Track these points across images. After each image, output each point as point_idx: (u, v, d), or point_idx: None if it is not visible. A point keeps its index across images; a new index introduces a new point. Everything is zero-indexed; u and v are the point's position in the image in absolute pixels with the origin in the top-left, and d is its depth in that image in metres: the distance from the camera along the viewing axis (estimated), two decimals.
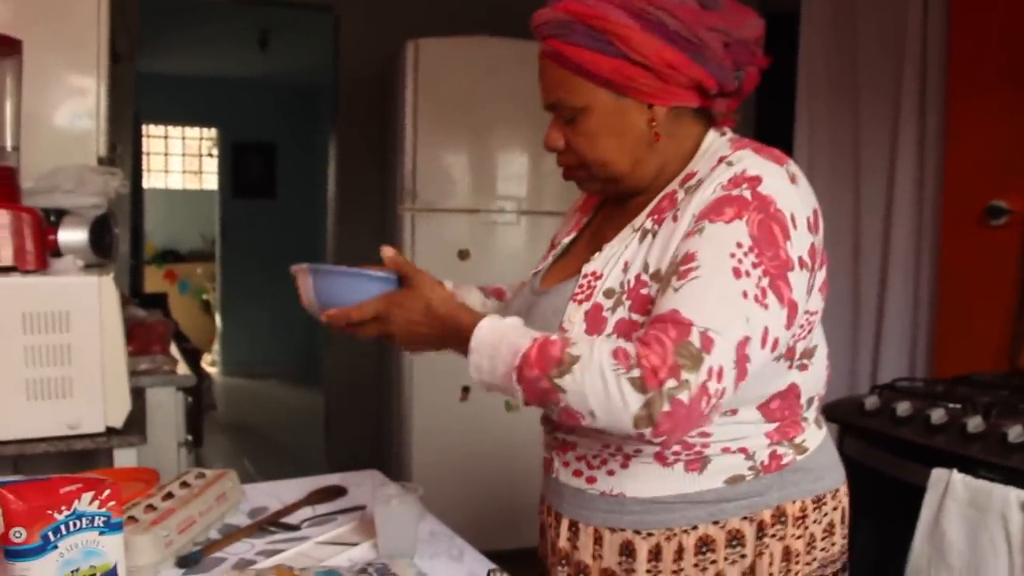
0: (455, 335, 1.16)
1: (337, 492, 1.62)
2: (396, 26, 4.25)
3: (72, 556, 1.01)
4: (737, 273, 1.04)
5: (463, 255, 3.78)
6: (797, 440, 1.22)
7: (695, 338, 1.00)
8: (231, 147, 7.98)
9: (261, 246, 7.93)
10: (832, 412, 2.43)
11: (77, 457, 1.84)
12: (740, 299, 1.03)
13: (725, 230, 1.07)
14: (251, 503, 1.55)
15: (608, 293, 1.17)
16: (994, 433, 1.96)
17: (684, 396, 0.98)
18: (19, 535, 0.97)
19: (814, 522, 1.22)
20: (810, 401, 1.25)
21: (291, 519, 1.48)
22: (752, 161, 1.13)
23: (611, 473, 1.21)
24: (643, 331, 1.06)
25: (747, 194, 1.09)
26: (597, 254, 1.22)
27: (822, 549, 1.24)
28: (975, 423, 2.02)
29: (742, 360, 1.03)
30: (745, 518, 1.18)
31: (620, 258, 1.18)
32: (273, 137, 7.98)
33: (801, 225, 1.10)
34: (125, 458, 1.88)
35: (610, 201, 1.35)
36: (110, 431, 1.84)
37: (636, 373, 0.99)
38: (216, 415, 6.48)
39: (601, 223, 1.34)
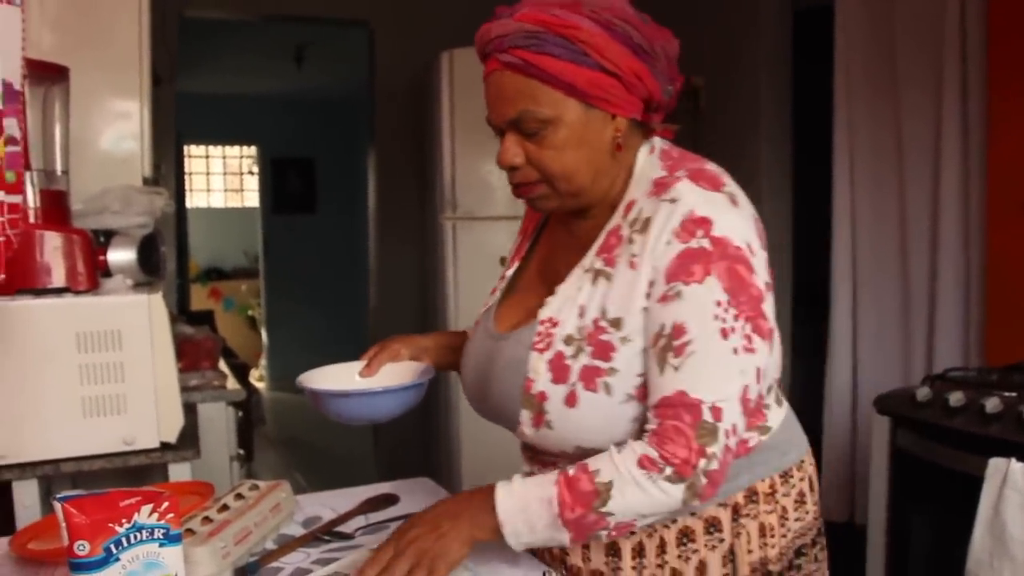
0: (480, 510, 1.15)
1: (389, 500, 1.62)
2: (430, 38, 4.28)
3: (134, 568, 1.02)
4: (724, 334, 1.09)
5: (504, 262, 3.79)
6: (760, 423, 1.27)
7: (707, 415, 1.09)
8: (271, 164, 8.07)
9: (304, 261, 8.01)
10: (884, 404, 2.41)
11: (133, 472, 1.88)
12: (732, 359, 1.10)
13: (702, 291, 1.10)
14: (305, 513, 1.56)
15: (568, 340, 1.18)
16: None
17: (715, 464, 1.09)
18: (83, 548, 0.99)
19: (784, 495, 1.28)
20: (769, 388, 1.28)
21: (345, 528, 1.49)
22: (694, 197, 1.14)
23: None
24: (656, 420, 1.11)
25: (705, 244, 1.10)
26: (551, 298, 1.23)
27: (796, 520, 1.29)
28: None
29: (745, 405, 1.12)
30: (720, 504, 1.23)
31: (575, 302, 1.20)
32: (312, 152, 8.05)
33: (756, 248, 1.15)
34: (179, 473, 1.91)
35: (552, 224, 1.38)
36: (164, 446, 1.87)
37: (669, 471, 1.08)
38: (265, 429, 6.54)
39: (547, 253, 1.37)
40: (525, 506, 1.12)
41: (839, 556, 2.81)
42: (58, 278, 1.78)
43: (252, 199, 8.79)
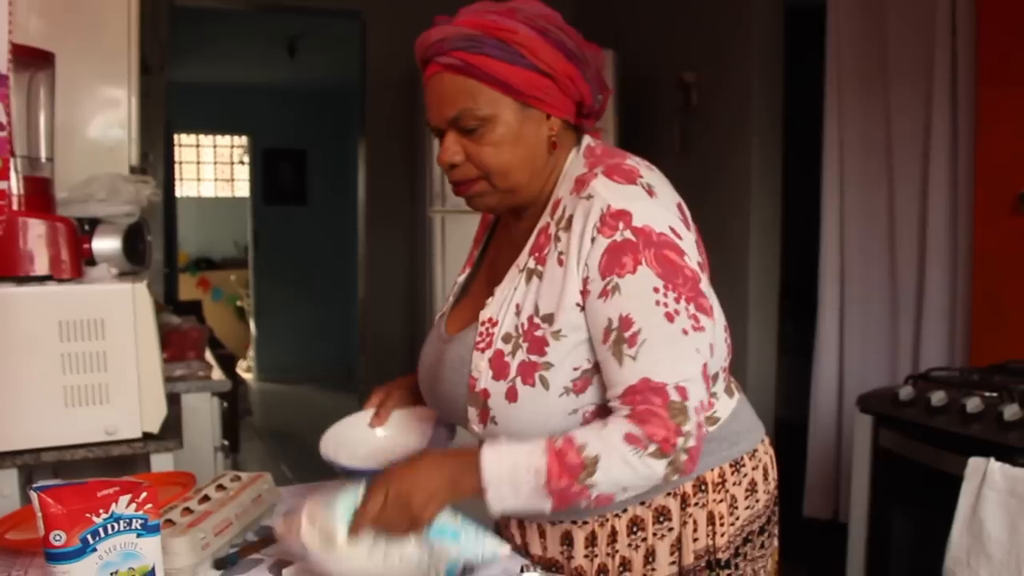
0: (465, 471, 1.16)
1: None
2: (422, 29, 4.27)
3: (111, 558, 1.02)
4: (670, 317, 1.14)
5: None
6: (707, 414, 1.29)
7: (674, 395, 1.13)
8: (262, 154, 8.04)
9: (293, 252, 7.99)
10: (867, 403, 2.42)
11: (115, 462, 1.87)
12: (684, 339, 1.14)
13: (637, 281, 1.14)
14: (286, 505, 1.55)
15: (506, 338, 1.23)
16: None
17: (692, 441, 1.14)
18: (59, 538, 0.99)
19: (734, 484, 1.32)
20: (715, 377, 1.30)
21: None
22: (609, 192, 1.18)
23: None
24: (627, 408, 1.14)
25: (629, 235, 1.15)
26: (490, 299, 1.28)
27: (746, 508, 1.33)
28: (1012, 411, 1.99)
29: (706, 380, 1.17)
30: (669, 494, 1.28)
31: (511, 301, 1.25)
32: (303, 143, 8.02)
33: (681, 232, 1.19)
34: (162, 463, 1.90)
35: (499, 229, 1.44)
36: (147, 436, 1.86)
37: (653, 448, 1.12)
38: (252, 421, 6.53)
39: (494, 257, 1.41)
40: (513, 472, 1.14)
41: (822, 553, 2.83)
42: (41, 266, 1.76)
43: (242, 189, 8.76)
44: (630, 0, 4.60)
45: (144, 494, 1.05)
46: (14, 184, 1.76)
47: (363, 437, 1.46)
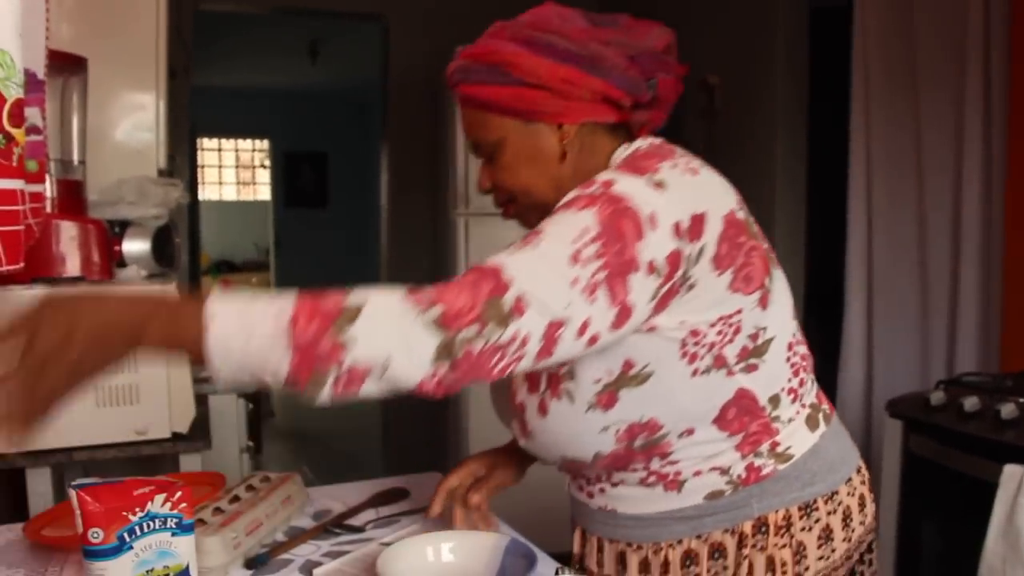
0: (178, 310, 0.95)
1: (400, 494, 1.62)
2: (444, 33, 4.28)
3: (147, 556, 1.03)
4: (575, 259, 0.99)
5: None
6: (780, 448, 1.18)
7: (509, 298, 0.96)
8: (283, 157, 8.08)
9: (314, 254, 8.03)
10: (897, 408, 2.40)
11: (144, 462, 1.88)
12: (568, 284, 0.99)
13: (574, 216, 1.03)
14: (315, 506, 1.56)
15: None
16: None
17: (479, 347, 0.95)
18: (97, 535, 0.99)
19: (802, 530, 1.18)
20: (775, 399, 1.18)
21: (355, 521, 1.49)
22: (610, 172, 1.10)
23: (602, 491, 1.26)
24: (462, 273, 1.00)
25: (598, 190, 1.06)
26: None
27: (819, 558, 1.19)
28: None
29: (550, 341, 0.99)
30: (726, 530, 1.19)
31: None
32: (324, 146, 8.07)
33: (663, 228, 1.03)
34: (190, 463, 1.92)
35: None
36: (176, 436, 1.87)
37: (435, 312, 0.94)
38: (275, 422, 6.56)
39: None
40: (246, 312, 0.92)
41: None
42: (73, 267, 1.78)
43: (264, 192, 8.81)
44: (651, 2, 4.59)
45: (179, 493, 1.05)
46: (48, 187, 1.77)
47: (423, 565, 1.25)
